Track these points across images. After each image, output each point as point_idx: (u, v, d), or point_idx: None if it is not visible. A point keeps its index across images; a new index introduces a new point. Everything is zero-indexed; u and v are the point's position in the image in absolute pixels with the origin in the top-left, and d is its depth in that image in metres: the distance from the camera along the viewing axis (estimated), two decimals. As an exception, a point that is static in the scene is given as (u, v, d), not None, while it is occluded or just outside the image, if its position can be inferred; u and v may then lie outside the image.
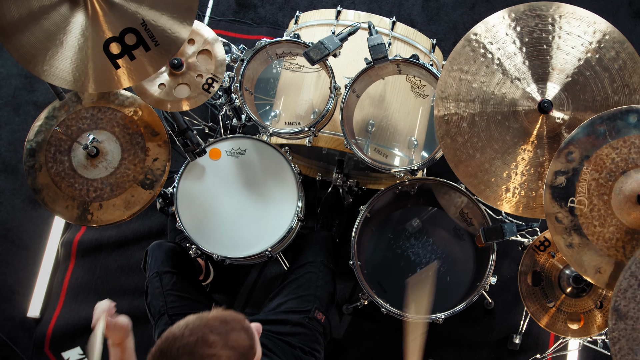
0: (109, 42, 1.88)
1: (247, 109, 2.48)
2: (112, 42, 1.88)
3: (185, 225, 2.53)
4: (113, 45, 1.88)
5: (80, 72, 1.88)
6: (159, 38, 1.89)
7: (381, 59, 2.30)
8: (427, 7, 3.73)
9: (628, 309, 1.72)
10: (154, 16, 1.87)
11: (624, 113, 1.88)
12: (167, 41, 1.89)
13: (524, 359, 3.04)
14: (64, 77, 1.89)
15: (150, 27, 1.88)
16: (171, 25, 1.88)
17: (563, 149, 1.89)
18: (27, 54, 1.87)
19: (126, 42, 1.88)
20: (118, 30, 1.87)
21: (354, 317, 3.16)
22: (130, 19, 1.87)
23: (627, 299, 1.72)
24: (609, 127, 1.87)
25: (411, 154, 2.66)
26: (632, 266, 1.74)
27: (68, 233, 3.35)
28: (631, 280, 1.73)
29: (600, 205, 1.88)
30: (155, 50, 1.89)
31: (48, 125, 2.41)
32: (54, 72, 1.88)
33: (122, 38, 1.88)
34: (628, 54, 2.01)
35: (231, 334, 1.53)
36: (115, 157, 2.38)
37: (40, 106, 3.55)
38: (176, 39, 1.89)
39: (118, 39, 1.88)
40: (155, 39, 1.88)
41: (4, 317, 3.28)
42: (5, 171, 3.47)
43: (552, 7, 2.03)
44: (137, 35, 1.88)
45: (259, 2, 3.75)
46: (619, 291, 1.73)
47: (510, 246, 3.19)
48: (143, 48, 1.89)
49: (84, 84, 1.90)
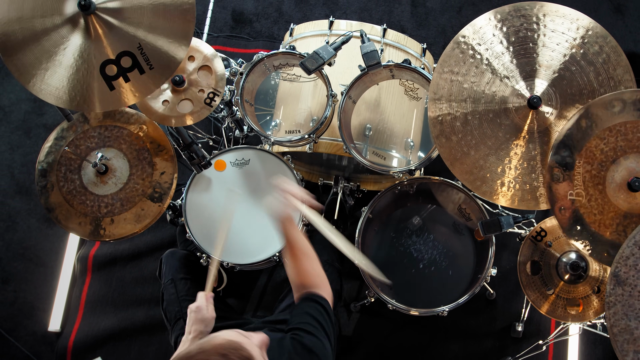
0: (105, 64, 1.88)
1: (248, 120, 2.47)
2: (109, 64, 1.88)
3: (195, 235, 2.53)
4: (109, 67, 1.88)
5: (76, 92, 1.89)
6: (154, 62, 1.88)
7: (374, 65, 2.30)
8: (416, 13, 3.72)
9: (627, 276, 1.72)
10: (151, 39, 1.87)
11: (607, 102, 1.88)
12: (162, 64, 1.89)
13: (527, 345, 3.02)
14: (59, 96, 1.90)
15: (146, 51, 1.87)
16: (168, 48, 1.88)
17: (557, 146, 1.89)
18: (27, 73, 1.88)
19: (122, 64, 1.88)
20: (115, 53, 1.88)
21: (362, 314, 3.15)
22: (128, 43, 1.87)
23: (627, 266, 1.73)
24: (594, 119, 1.88)
25: (408, 154, 2.65)
26: (636, 235, 1.74)
27: (83, 249, 3.34)
28: (634, 249, 1.73)
29: (596, 195, 1.88)
30: (150, 73, 1.89)
31: (58, 146, 2.41)
32: (50, 91, 1.89)
33: (119, 61, 1.88)
34: (611, 48, 2.01)
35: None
36: (124, 173, 2.37)
37: (49, 128, 3.55)
38: (171, 62, 1.89)
39: (114, 61, 1.88)
40: (150, 62, 1.88)
41: (27, 333, 3.27)
42: (20, 192, 3.47)
43: (536, 7, 2.03)
44: (132, 59, 1.88)
45: (255, 17, 3.75)
46: (621, 258, 1.74)
47: (508, 238, 3.19)
48: (138, 71, 1.89)
49: (79, 103, 1.90)
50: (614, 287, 1.73)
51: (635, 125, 1.87)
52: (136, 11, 1.88)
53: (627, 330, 1.72)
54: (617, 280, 1.73)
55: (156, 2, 1.88)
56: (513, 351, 3.05)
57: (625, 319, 1.71)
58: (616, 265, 1.74)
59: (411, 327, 3.13)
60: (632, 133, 1.87)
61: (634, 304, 1.71)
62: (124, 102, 1.92)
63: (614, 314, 1.72)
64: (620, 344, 1.71)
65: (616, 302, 1.72)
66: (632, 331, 1.71)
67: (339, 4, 3.75)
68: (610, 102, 1.88)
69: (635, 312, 1.71)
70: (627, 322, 1.71)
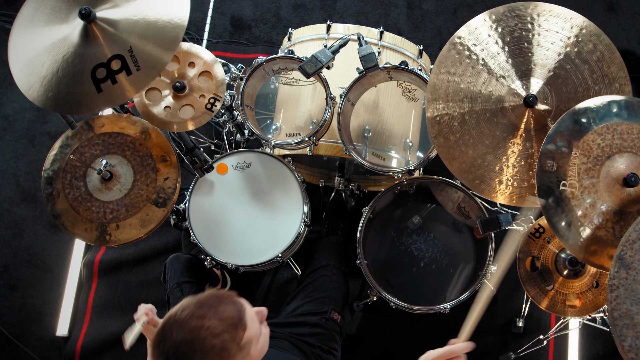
0: (96, 68, 1.88)
1: (249, 124, 2.47)
2: (100, 67, 1.88)
3: (199, 238, 2.53)
4: (100, 70, 1.89)
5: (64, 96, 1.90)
6: (142, 63, 1.88)
7: (372, 67, 2.31)
8: (412, 16, 3.73)
9: (633, 259, 1.69)
10: (141, 44, 1.88)
11: (605, 103, 1.89)
12: (149, 65, 1.89)
13: (528, 340, 3.02)
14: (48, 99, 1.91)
15: (135, 53, 1.88)
16: (156, 52, 1.88)
17: (552, 135, 1.89)
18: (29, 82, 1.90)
19: (112, 67, 1.88)
20: (107, 57, 1.88)
21: (365, 313, 3.15)
22: (120, 47, 1.88)
23: (633, 250, 1.69)
24: (592, 115, 1.88)
25: (407, 155, 2.65)
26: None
27: (89, 254, 3.34)
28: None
29: (589, 188, 1.87)
30: (137, 74, 1.89)
31: (63, 154, 2.41)
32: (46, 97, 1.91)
33: (109, 64, 1.88)
34: (605, 46, 2.01)
35: (220, 306, 1.49)
36: (128, 179, 2.37)
37: (53, 136, 3.55)
38: (158, 64, 1.89)
39: (105, 64, 1.88)
40: (138, 63, 1.88)
41: (35, 338, 3.27)
42: (26, 200, 3.47)
43: (530, 7, 2.04)
44: (122, 61, 1.88)
45: (253, 22, 3.76)
46: (627, 241, 1.70)
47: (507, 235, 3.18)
48: (125, 72, 1.89)
49: (70, 107, 1.90)
50: (617, 269, 1.69)
51: (630, 128, 1.87)
52: (130, 22, 1.89)
53: (627, 315, 1.68)
54: (622, 263, 1.69)
55: (150, 20, 1.90)
56: (514, 346, 3.05)
57: (627, 303, 1.68)
58: (622, 248, 1.70)
59: (414, 325, 3.13)
60: (627, 134, 1.87)
61: (637, 289, 1.68)
62: (111, 102, 1.91)
63: (616, 297, 1.69)
64: (619, 328, 1.67)
65: (619, 286, 1.69)
66: (632, 316, 1.67)
67: (336, 8, 3.76)
68: (608, 103, 1.88)
69: (637, 297, 1.68)
70: (628, 307, 1.68)
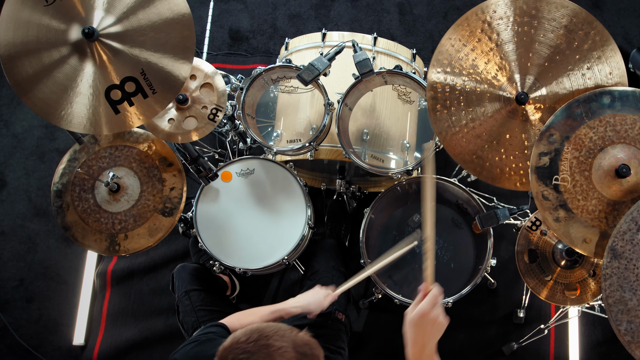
0: (110, 89, 1.88)
1: (251, 132, 2.47)
2: (114, 89, 1.89)
3: (207, 244, 2.53)
4: (114, 92, 1.89)
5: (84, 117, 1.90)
6: (157, 86, 1.89)
7: (368, 72, 2.31)
8: (404, 21, 3.73)
9: (624, 249, 1.75)
10: (155, 60, 1.88)
11: (598, 95, 1.89)
12: (165, 88, 1.89)
13: (530, 330, 3.01)
14: (79, 123, 1.90)
15: (149, 76, 1.88)
16: (171, 68, 1.88)
17: (544, 132, 1.89)
18: (45, 106, 1.88)
19: (126, 89, 1.89)
20: (119, 78, 1.88)
21: (371, 311, 3.15)
22: (131, 68, 1.88)
23: (624, 240, 1.75)
24: (585, 109, 1.88)
25: (405, 156, 2.65)
26: (634, 212, 1.76)
27: (101, 265, 3.34)
28: (631, 225, 1.76)
29: (582, 181, 1.88)
30: (153, 97, 1.90)
31: (71, 168, 2.41)
32: (70, 120, 1.89)
33: (123, 86, 1.88)
34: (597, 32, 2.02)
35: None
36: (135, 190, 2.37)
37: (62, 152, 3.54)
38: (175, 83, 1.89)
39: (119, 86, 1.88)
40: (153, 87, 1.88)
41: (52, 348, 3.27)
42: (38, 215, 3.47)
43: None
44: (136, 84, 1.88)
45: (251, 34, 3.76)
46: (618, 233, 1.76)
47: (505, 229, 3.18)
48: (141, 95, 1.90)
49: (96, 128, 1.90)
50: (610, 259, 1.76)
51: (624, 118, 1.87)
52: (137, 32, 1.88)
53: (621, 301, 1.75)
54: (614, 254, 1.76)
55: (153, 20, 1.88)
56: (517, 336, 3.04)
57: (620, 290, 1.75)
58: (613, 240, 1.76)
59: (418, 320, 3.12)
60: (620, 125, 1.87)
61: (629, 277, 1.74)
62: (129, 125, 1.92)
63: (610, 286, 1.75)
64: (614, 314, 1.75)
65: (612, 275, 1.75)
66: (626, 302, 1.75)
67: (330, 17, 3.76)
68: (600, 95, 1.89)
69: (630, 284, 1.74)
70: (621, 294, 1.75)
